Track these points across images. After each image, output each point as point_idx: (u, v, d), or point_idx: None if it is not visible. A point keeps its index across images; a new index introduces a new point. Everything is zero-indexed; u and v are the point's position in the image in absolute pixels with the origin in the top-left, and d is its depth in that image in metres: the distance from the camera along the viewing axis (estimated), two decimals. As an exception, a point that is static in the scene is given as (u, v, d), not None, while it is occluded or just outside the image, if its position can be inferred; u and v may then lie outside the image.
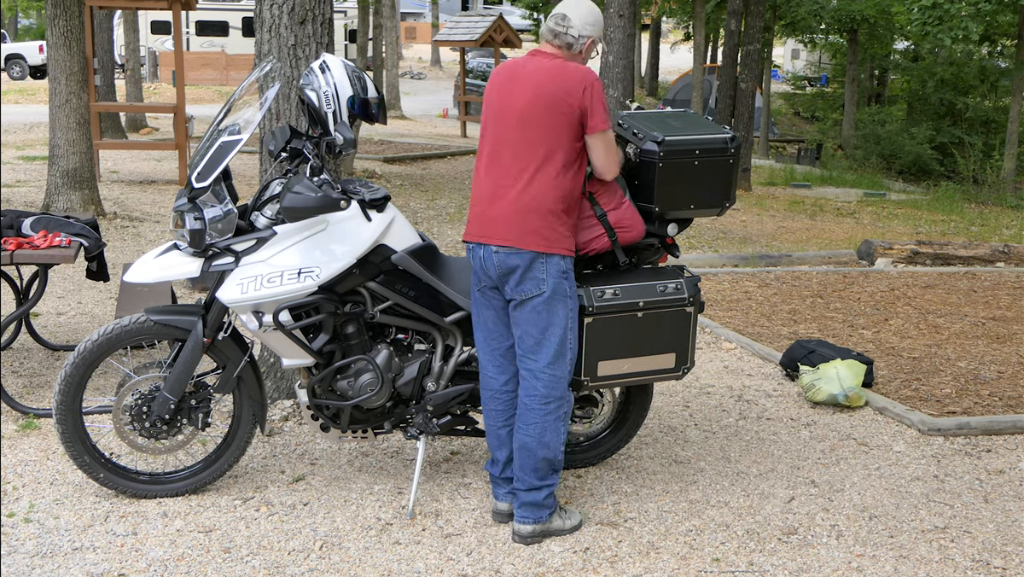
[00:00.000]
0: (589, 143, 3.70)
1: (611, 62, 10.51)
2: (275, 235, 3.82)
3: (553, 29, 3.73)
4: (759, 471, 4.52)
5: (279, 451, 4.54)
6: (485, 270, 3.73)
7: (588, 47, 3.77)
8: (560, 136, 3.63)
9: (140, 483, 4.04)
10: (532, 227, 3.62)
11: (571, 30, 3.70)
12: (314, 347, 3.91)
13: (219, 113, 3.95)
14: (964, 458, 4.75)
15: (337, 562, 3.62)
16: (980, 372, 6.03)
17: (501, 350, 3.84)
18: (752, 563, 3.69)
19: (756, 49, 15.52)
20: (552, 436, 3.74)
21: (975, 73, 25.93)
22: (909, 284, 8.47)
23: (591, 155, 3.74)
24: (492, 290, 3.78)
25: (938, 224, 13.06)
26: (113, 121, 15.91)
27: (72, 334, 6.21)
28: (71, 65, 9.63)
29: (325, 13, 4.86)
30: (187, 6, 12.63)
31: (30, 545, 3.66)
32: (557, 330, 3.70)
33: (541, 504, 3.77)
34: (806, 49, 34.92)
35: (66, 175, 9.73)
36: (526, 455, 3.76)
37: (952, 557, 3.79)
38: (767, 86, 25.95)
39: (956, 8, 16.50)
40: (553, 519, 3.81)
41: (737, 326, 6.97)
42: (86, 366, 3.88)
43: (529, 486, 3.76)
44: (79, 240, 5.08)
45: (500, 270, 3.67)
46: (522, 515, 3.77)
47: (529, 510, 3.77)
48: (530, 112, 3.63)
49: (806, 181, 17.80)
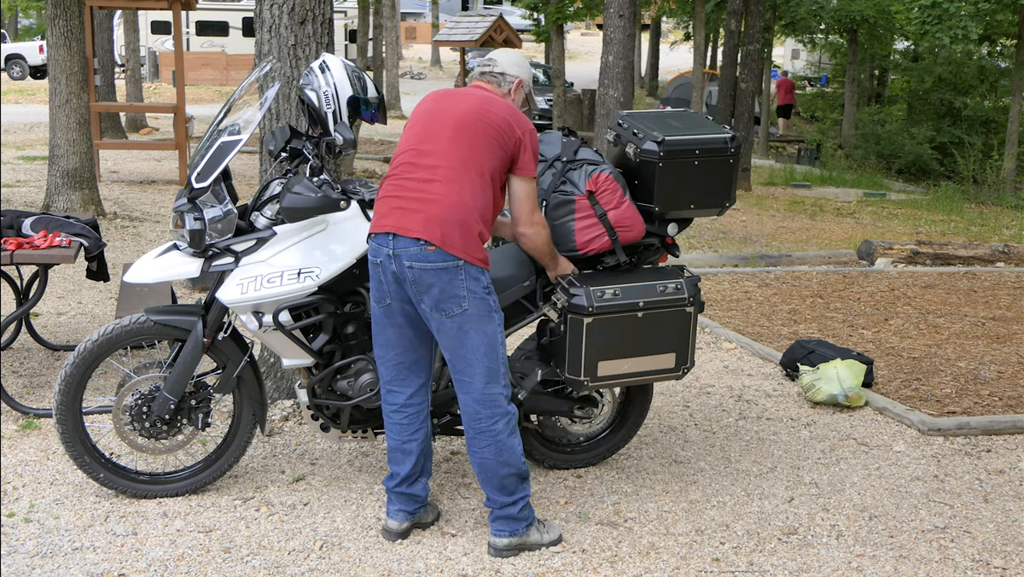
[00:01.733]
0: (512, 185, 3.64)
1: (611, 62, 10.51)
2: (275, 235, 3.82)
3: (480, 70, 3.82)
4: (759, 471, 4.52)
5: (279, 451, 4.54)
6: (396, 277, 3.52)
7: (516, 87, 3.79)
8: (492, 152, 3.55)
9: (140, 483, 4.04)
10: (453, 234, 3.46)
11: (496, 67, 3.78)
12: (314, 347, 3.91)
13: (219, 113, 3.95)
14: (964, 458, 4.75)
15: (337, 562, 3.62)
16: (980, 372, 6.03)
17: (406, 364, 3.68)
18: (752, 563, 3.69)
19: (756, 49, 15.52)
20: (508, 453, 3.61)
21: (975, 73, 25.93)
22: (909, 284, 8.47)
23: (511, 201, 3.66)
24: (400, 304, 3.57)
25: (938, 224, 13.06)
26: (113, 121, 15.91)
27: (72, 334, 6.21)
28: (71, 65, 9.63)
29: (325, 13, 4.86)
30: (187, 6, 12.63)
31: (30, 545, 3.66)
32: (486, 349, 3.55)
33: (516, 517, 3.67)
34: (806, 49, 34.92)
35: (66, 175, 9.73)
36: (489, 476, 3.64)
37: (952, 557, 3.79)
38: (767, 86, 25.94)
39: (956, 7, 16.49)
40: (531, 532, 3.70)
41: (737, 326, 6.97)
42: (86, 366, 3.88)
43: (501, 504, 3.67)
44: (79, 240, 5.08)
45: (417, 286, 3.48)
46: (498, 529, 3.68)
47: (504, 524, 3.67)
48: (466, 121, 3.56)
49: (806, 181, 17.81)
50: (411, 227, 3.48)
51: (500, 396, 3.60)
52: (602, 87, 10.69)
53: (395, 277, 3.54)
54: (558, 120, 20.31)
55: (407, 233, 3.48)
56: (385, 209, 3.58)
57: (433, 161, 3.55)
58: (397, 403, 3.73)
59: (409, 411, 3.73)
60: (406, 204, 3.52)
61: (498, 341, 3.59)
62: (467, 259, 3.48)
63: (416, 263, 3.47)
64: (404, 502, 3.77)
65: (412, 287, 3.50)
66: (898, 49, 30.08)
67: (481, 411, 3.58)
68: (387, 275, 3.56)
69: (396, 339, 3.66)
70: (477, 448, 3.63)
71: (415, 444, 3.74)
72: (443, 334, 3.55)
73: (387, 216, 3.55)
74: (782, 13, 24.73)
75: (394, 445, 3.76)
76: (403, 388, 3.72)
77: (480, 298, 3.52)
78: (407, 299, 3.57)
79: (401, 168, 3.62)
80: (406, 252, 3.48)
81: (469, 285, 3.50)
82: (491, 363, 3.57)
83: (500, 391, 3.60)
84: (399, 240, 3.49)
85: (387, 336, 3.67)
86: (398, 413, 3.73)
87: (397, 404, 3.73)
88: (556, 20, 20.33)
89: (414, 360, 3.70)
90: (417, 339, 3.67)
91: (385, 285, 3.58)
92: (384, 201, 3.60)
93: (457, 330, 3.52)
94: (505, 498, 3.66)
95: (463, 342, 3.53)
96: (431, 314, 3.52)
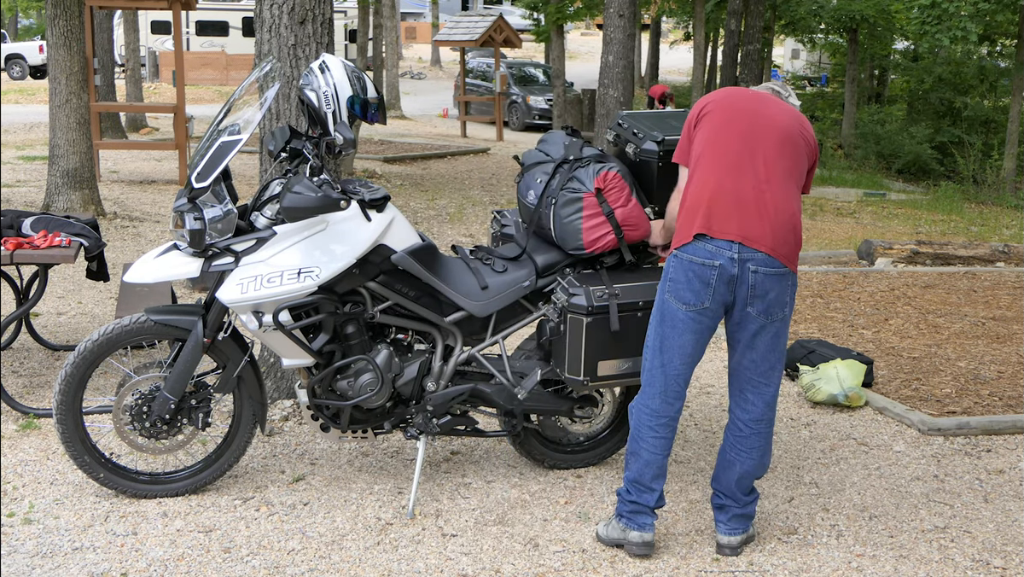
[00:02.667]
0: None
1: (611, 62, 10.51)
2: (275, 235, 3.81)
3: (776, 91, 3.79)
4: (759, 471, 4.52)
5: (279, 451, 4.54)
6: (727, 282, 3.48)
7: None
8: (803, 163, 3.61)
9: (140, 483, 4.04)
10: (791, 243, 3.52)
11: (791, 99, 3.78)
12: (314, 347, 3.91)
13: (219, 113, 3.95)
14: (964, 458, 4.75)
15: (337, 562, 3.62)
16: (980, 372, 6.03)
17: (686, 376, 3.64)
18: (752, 563, 3.69)
19: (756, 49, 15.54)
20: (768, 456, 3.75)
21: (974, 73, 25.94)
22: (909, 284, 8.47)
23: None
24: (715, 308, 3.52)
25: (938, 224, 13.07)
26: (113, 121, 15.91)
27: (72, 334, 6.21)
28: (71, 65, 9.63)
29: (325, 13, 4.86)
30: (187, 6, 12.63)
31: (30, 545, 3.66)
32: (785, 351, 3.67)
33: (750, 515, 3.79)
34: (806, 49, 34.92)
35: (66, 175, 9.73)
36: (746, 476, 3.71)
37: (952, 557, 3.79)
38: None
39: (955, 8, 16.50)
40: (752, 526, 3.82)
41: (737, 326, 6.96)
42: (86, 366, 3.88)
43: (744, 503, 3.74)
44: (79, 240, 5.08)
45: (756, 290, 3.48)
46: (733, 527, 3.73)
47: (739, 522, 3.74)
48: (789, 132, 3.57)
49: (806, 181, 17.79)
50: (758, 239, 3.47)
51: (777, 397, 3.72)
52: (602, 87, 10.70)
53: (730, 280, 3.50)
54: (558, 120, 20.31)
55: (756, 246, 3.47)
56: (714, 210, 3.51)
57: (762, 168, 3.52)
58: (669, 415, 3.67)
59: (674, 425, 3.71)
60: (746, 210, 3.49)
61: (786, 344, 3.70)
62: (793, 270, 3.56)
63: (762, 268, 3.49)
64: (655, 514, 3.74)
65: (750, 294, 3.50)
66: (898, 49, 30.09)
67: (768, 413, 3.68)
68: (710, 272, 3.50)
69: (693, 346, 3.59)
70: (746, 448, 3.69)
71: (667, 455, 3.73)
72: (760, 336, 3.57)
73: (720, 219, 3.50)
74: (782, 13, 24.75)
75: (654, 461, 3.68)
76: (676, 401, 3.66)
77: (793, 302, 3.62)
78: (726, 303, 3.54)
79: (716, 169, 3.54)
80: (753, 259, 3.48)
81: (791, 290, 3.58)
82: (783, 365, 3.69)
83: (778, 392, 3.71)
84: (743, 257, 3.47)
85: (684, 343, 3.58)
86: (666, 428, 3.67)
87: (669, 417, 3.67)
88: (556, 20, 20.34)
89: (692, 371, 3.68)
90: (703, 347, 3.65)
91: (712, 283, 3.50)
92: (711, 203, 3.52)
93: (774, 334, 3.58)
94: (747, 497, 3.75)
95: (774, 346, 3.60)
96: (757, 318, 3.53)
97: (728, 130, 3.57)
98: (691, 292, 3.51)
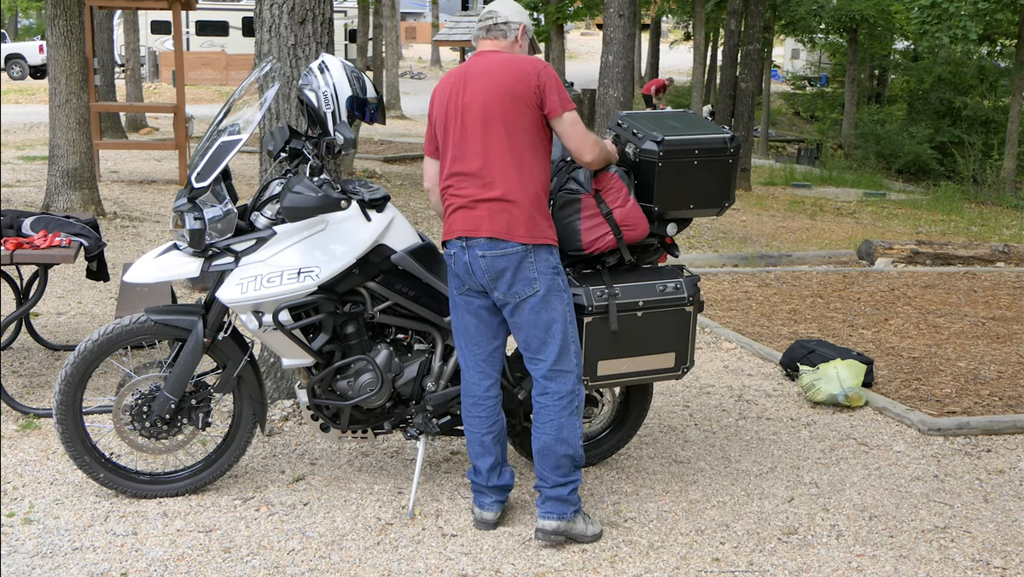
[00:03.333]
0: (555, 129, 3.71)
1: (611, 62, 10.51)
2: (275, 235, 3.82)
3: (484, 25, 3.82)
4: (759, 471, 4.52)
5: (279, 451, 4.54)
6: (471, 273, 3.69)
7: (521, 33, 3.83)
8: (524, 127, 3.64)
9: (140, 483, 4.04)
10: (517, 221, 3.62)
11: (499, 18, 3.79)
12: (314, 347, 3.91)
13: (219, 113, 3.95)
14: (964, 458, 4.75)
15: (337, 562, 3.62)
16: (980, 372, 6.03)
17: (483, 355, 3.81)
18: (752, 563, 3.69)
19: (756, 49, 15.53)
20: (569, 432, 3.73)
21: (974, 73, 25.96)
22: (909, 284, 8.47)
23: (563, 141, 3.73)
24: (477, 294, 3.74)
25: (938, 224, 13.07)
26: (113, 121, 15.92)
27: (72, 334, 6.21)
28: (71, 65, 9.63)
29: (325, 13, 4.86)
30: (187, 6, 12.64)
31: (30, 545, 3.66)
32: (558, 326, 3.69)
33: (566, 500, 3.76)
34: (806, 49, 34.94)
35: (66, 175, 9.73)
36: (546, 455, 3.74)
37: (952, 557, 3.79)
38: (767, 86, 25.94)
39: (955, 7, 16.51)
40: (577, 519, 3.78)
41: (737, 326, 6.97)
42: (86, 366, 3.88)
43: (553, 484, 3.76)
44: (79, 240, 5.08)
45: (490, 274, 3.66)
46: (547, 511, 3.75)
47: (554, 505, 3.75)
48: (492, 107, 3.63)
49: (806, 181, 17.82)
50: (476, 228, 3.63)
51: (570, 374, 3.74)
52: (602, 87, 10.70)
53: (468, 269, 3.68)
54: (558, 120, 20.28)
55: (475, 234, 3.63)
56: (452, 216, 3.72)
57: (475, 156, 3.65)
58: (476, 395, 3.83)
59: (488, 404, 3.84)
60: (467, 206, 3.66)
61: (568, 320, 3.73)
62: (533, 243, 3.63)
63: (487, 262, 3.63)
64: (497, 493, 3.87)
65: (487, 278, 3.65)
66: (898, 49, 30.10)
67: (550, 387, 3.72)
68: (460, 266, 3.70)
69: (474, 328, 3.79)
70: (539, 423, 3.75)
71: (492, 436, 3.84)
72: (516, 315, 3.68)
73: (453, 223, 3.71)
74: (782, 13, 24.75)
75: (474, 438, 3.86)
76: (482, 380, 3.82)
77: (550, 278, 3.67)
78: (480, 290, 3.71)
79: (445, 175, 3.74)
80: (481, 260, 3.64)
81: (539, 266, 3.65)
82: (563, 340, 3.71)
83: (570, 368, 3.73)
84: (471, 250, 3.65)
85: (465, 324, 3.80)
86: (477, 406, 3.84)
87: (476, 396, 3.84)
88: (556, 20, 20.35)
89: (491, 351, 3.82)
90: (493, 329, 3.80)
91: (462, 276, 3.72)
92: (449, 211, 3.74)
93: (529, 311, 3.66)
94: (558, 478, 3.75)
95: (535, 322, 3.68)
96: (505, 298, 3.67)
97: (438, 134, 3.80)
98: None
